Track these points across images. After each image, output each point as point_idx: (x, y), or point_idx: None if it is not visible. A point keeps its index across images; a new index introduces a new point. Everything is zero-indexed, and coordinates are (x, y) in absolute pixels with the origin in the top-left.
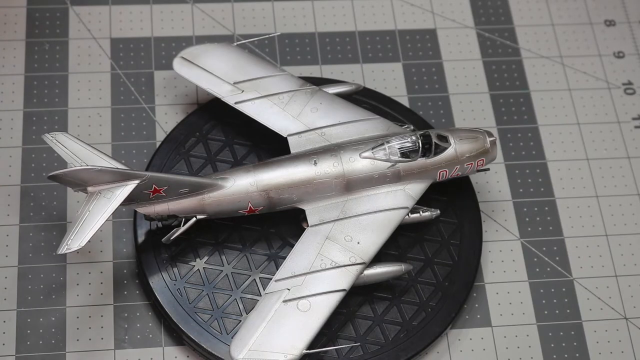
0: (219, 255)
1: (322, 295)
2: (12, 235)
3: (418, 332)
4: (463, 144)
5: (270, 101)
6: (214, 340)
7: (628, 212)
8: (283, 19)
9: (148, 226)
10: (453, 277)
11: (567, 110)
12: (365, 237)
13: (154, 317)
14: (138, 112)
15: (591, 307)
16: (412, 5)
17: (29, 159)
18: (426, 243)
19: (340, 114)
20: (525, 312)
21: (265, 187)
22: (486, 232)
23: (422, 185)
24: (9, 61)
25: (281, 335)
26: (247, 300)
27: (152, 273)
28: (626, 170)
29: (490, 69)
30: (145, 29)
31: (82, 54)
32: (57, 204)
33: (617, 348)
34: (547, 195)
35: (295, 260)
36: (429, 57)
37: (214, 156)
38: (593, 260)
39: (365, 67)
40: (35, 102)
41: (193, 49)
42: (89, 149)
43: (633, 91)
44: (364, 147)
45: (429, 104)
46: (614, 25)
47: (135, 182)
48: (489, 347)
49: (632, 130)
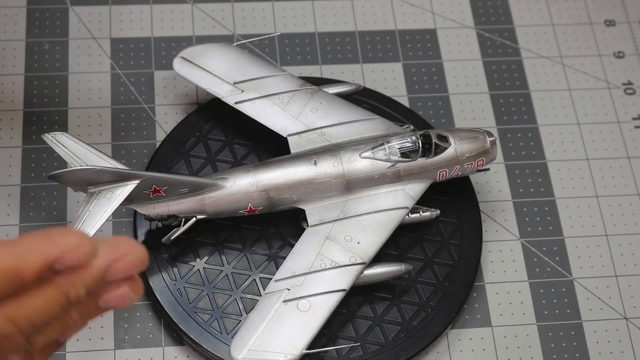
0: (219, 255)
1: (322, 295)
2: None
3: (418, 332)
4: (463, 144)
5: (270, 101)
6: (214, 340)
7: (628, 212)
8: (283, 19)
9: (148, 226)
10: (453, 277)
11: (567, 110)
12: (365, 237)
13: (154, 317)
14: (138, 112)
15: (591, 307)
16: (412, 5)
17: (29, 159)
18: (426, 243)
19: (340, 114)
20: (525, 312)
21: (265, 187)
22: (486, 232)
23: (422, 185)
24: (9, 61)
25: (281, 335)
26: (247, 300)
27: (152, 273)
28: (626, 170)
29: (490, 69)
30: (145, 29)
31: (82, 54)
32: (57, 204)
33: (617, 348)
34: (547, 195)
35: (295, 260)
36: (429, 57)
37: (214, 156)
38: (593, 260)
39: (365, 67)
40: (35, 102)
41: (193, 49)
42: (89, 149)
43: (633, 91)
44: (364, 147)
45: (429, 104)
46: (614, 25)
47: (135, 182)
48: (489, 347)
49: (632, 130)
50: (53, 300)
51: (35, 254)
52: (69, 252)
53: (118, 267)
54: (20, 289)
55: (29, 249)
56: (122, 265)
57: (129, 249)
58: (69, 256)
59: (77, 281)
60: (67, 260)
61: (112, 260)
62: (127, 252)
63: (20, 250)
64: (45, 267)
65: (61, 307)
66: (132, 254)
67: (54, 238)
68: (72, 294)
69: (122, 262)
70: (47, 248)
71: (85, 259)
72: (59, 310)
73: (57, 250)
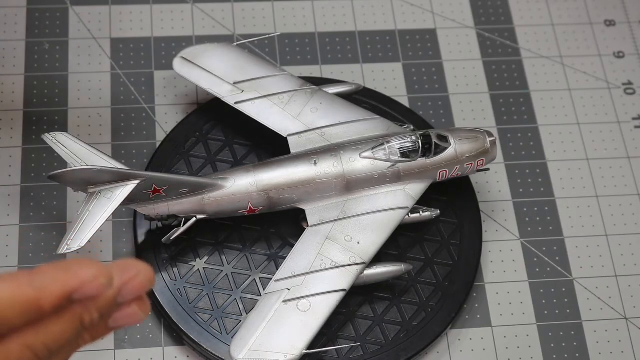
0: (219, 255)
1: (322, 295)
2: (12, 235)
3: (418, 332)
4: (463, 144)
5: (270, 101)
6: (214, 340)
7: (628, 212)
8: (283, 19)
9: (148, 226)
10: (453, 277)
11: (567, 110)
12: (365, 237)
13: (154, 317)
14: (138, 112)
15: (591, 307)
16: (412, 5)
17: (29, 159)
18: (426, 243)
19: (340, 114)
20: (525, 312)
21: (265, 187)
22: (486, 232)
23: (422, 185)
24: (9, 61)
25: (281, 335)
26: (247, 300)
27: None
28: (626, 170)
29: (490, 69)
30: (145, 29)
31: (82, 54)
32: (57, 204)
33: (617, 348)
34: (547, 195)
35: (295, 260)
36: (429, 57)
37: (214, 156)
38: (593, 260)
39: (365, 67)
40: (35, 102)
41: (193, 49)
42: (89, 149)
43: (633, 91)
44: (364, 147)
45: (429, 104)
46: (614, 25)
47: (135, 182)
48: (489, 347)
49: (632, 130)
50: (69, 327)
51: (54, 285)
52: (87, 283)
53: (129, 289)
54: (39, 318)
55: (48, 280)
56: (132, 287)
57: (138, 270)
58: (87, 287)
59: (91, 307)
60: (85, 291)
61: (123, 283)
62: (137, 274)
63: (40, 281)
64: (64, 298)
65: (76, 332)
66: (141, 275)
67: (72, 269)
68: (87, 319)
69: (132, 283)
70: (66, 279)
71: (103, 290)
72: (74, 336)
73: (76, 281)
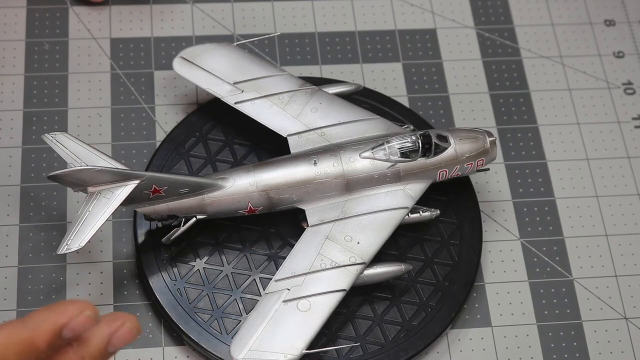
0: (219, 255)
1: (322, 295)
2: (12, 235)
3: (418, 332)
4: (463, 144)
5: (270, 101)
6: (214, 340)
7: (628, 212)
8: (283, 19)
9: (148, 226)
10: (453, 277)
11: (567, 110)
12: (365, 237)
13: (154, 317)
14: (138, 112)
15: (591, 307)
16: (412, 5)
17: (29, 159)
18: (426, 243)
19: (340, 114)
20: (525, 312)
21: (265, 187)
22: (486, 232)
23: (422, 185)
24: (9, 61)
25: (281, 335)
26: (247, 300)
27: (152, 273)
28: (626, 170)
29: (490, 69)
30: (145, 29)
31: (82, 54)
32: (57, 204)
33: (617, 348)
34: (547, 195)
35: (295, 260)
36: (429, 57)
37: (214, 156)
38: (593, 260)
39: (365, 67)
40: (35, 102)
41: (193, 49)
42: (89, 149)
43: (633, 91)
44: (364, 147)
45: (429, 104)
46: (614, 25)
47: (135, 182)
48: (489, 347)
49: (632, 130)
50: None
51: (45, 323)
52: (74, 318)
53: (119, 336)
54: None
55: (39, 321)
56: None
57: (124, 320)
58: (75, 322)
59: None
60: (73, 325)
61: (112, 332)
62: (123, 323)
63: (32, 323)
64: (55, 334)
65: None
66: (127, 324)
67: (59, 308)
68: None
69: (121, 331)
70: (55, 317)
71: (90, 323)
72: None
73: (65, 317)
